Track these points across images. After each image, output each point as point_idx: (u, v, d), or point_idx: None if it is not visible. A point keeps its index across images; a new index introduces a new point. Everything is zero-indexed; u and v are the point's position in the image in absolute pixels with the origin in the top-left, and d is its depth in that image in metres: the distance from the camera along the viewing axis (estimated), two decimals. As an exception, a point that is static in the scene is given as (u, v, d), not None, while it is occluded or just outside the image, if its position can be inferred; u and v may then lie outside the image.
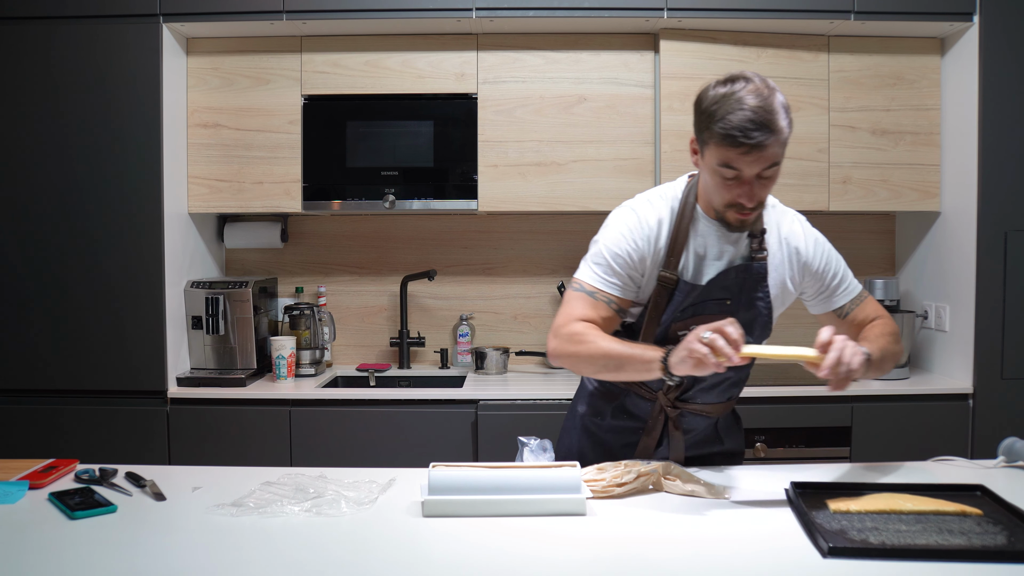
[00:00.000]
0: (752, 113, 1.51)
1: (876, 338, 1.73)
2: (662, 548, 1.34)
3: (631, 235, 1.70)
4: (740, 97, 1.53)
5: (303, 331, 3.13)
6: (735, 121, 1.51)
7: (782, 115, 1.54)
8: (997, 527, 1.37)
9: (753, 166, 1.54)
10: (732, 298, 1.72)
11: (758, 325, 1.77)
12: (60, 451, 2.12)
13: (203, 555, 1.32)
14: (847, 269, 1.86)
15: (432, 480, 1.51)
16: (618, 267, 1.69)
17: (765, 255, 1.73)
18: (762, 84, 1.57)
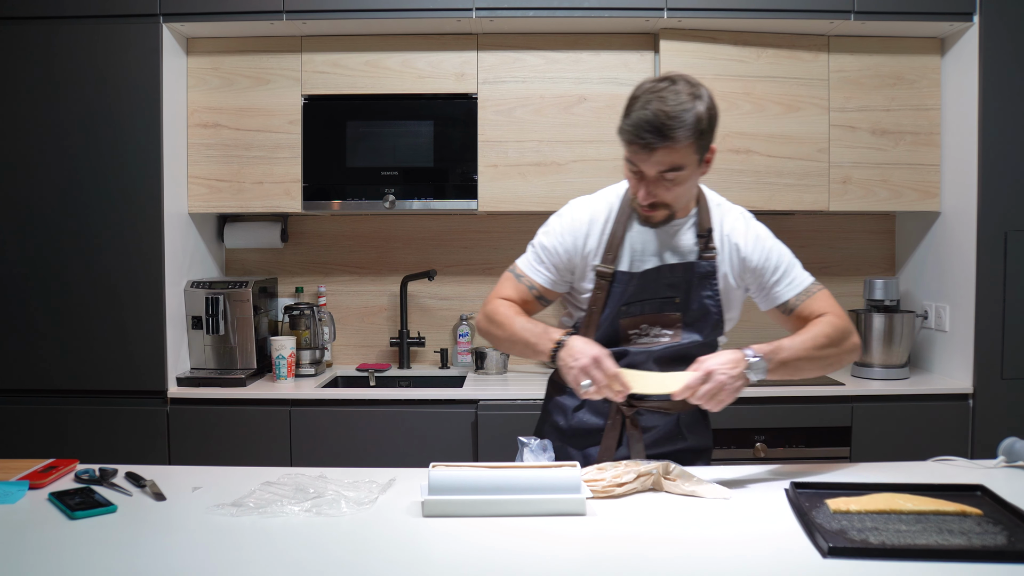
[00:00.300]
0: (652, 116, 1.56)
1: (803, 337, 1.71)
2: (662, 548, 1.34)
3: (561, 231, 1.79)
4: (650, 99, 1.58)
5: (303, 331, 3.13)
6: (634, 120, 1.59)
7: (687, 124, 1.57)
8: (997, 527, 1.37)
9: (650, 166, 1.61)
10: (680, 296, 1.75)
11: (708, 323, 1.78)
12: (60, 451, 2.12)
13: (203, 555, 1.32)
14: (793, 264, 1.82)
15: (432, 480, 1.51)
16: (545, 258, 1.80)
17: (714, 254, 1.75)
18: (686, 89, 1.60)
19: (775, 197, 3.01)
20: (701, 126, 1.59)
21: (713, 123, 1.63)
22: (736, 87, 2.98)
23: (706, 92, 1.63)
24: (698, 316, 1.76)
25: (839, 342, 1.74)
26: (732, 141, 2.98)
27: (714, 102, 1.64)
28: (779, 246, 1.82)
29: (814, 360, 1.71)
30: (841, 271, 3.42)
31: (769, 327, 1.94)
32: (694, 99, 1.59)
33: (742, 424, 2.83)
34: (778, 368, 1.66)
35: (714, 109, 1.63)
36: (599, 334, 1.78)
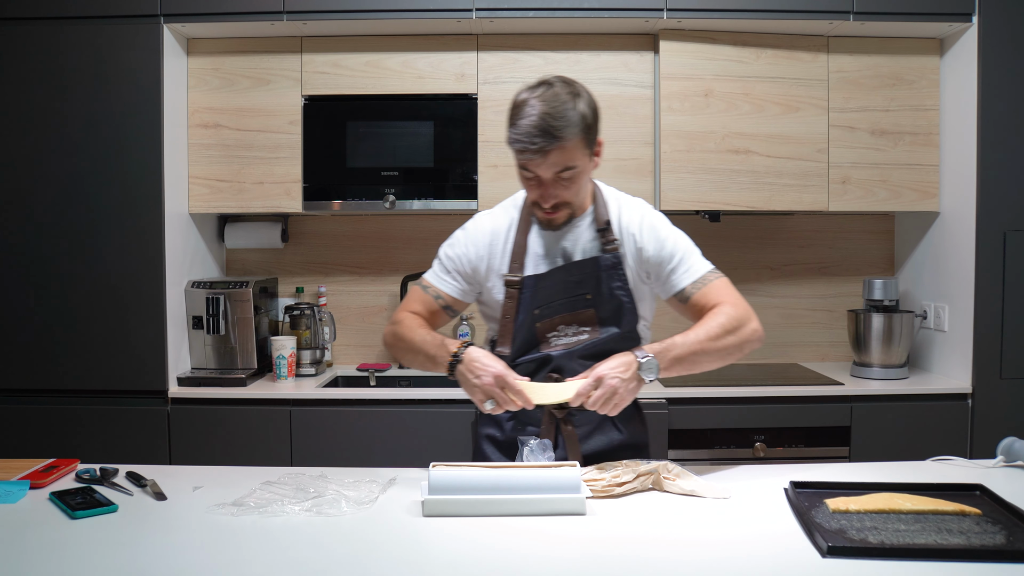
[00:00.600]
0: (538, 119, 1.60)
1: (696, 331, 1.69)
2: (662, 548, 1.35)
3: (465, 241, 1.84)
4: (533, 104, 1.62)
5: (303, 331, 3.13)
6: (522, 127, 1.62)
7: (573, 123, 1.61)
8: (996, 527, 1.38)
9: (545, 169, 1.64)
10: (591, 292, 1.76)
11: (623, 315, 1.79)
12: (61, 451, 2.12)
13: (204, 555, 1.32)
14: (691, 252, 1.80)
15: (432, 480, 1.52)
16: (450, 267, 1.84)
17: (616, 245, 1.76)
18: (564, 89, 1.64)
19: (774, 197, 3.01)
20: (587, 122, 1.64)
21: (596, 118, 1.68)
22: (735, 87, 2.98)
23: (584, 89, 1.68)
24: (612, 309, 1.77)
25: (736, 330, 1.70)
26: (732, 141, 2.99)
27: (593, 97, 1.69)
28: (675, 235, 1.81)
29: (711, 353, 1.69)
30: (840, 271, 3.42)
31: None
32: (574, 98, 1.63)
33: (741, 424, 2.83)
34: (672, 365, 1.66)
35: (594, 104, 1.68)
36: (517, 342, 1.79)
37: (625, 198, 1.85)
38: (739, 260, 3.41)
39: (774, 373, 3.15)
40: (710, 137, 2.98)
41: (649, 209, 1.84)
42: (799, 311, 3.43)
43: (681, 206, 2.98)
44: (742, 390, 2.85)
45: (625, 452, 1.82)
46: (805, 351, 3.43)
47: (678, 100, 2.97)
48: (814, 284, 3.43)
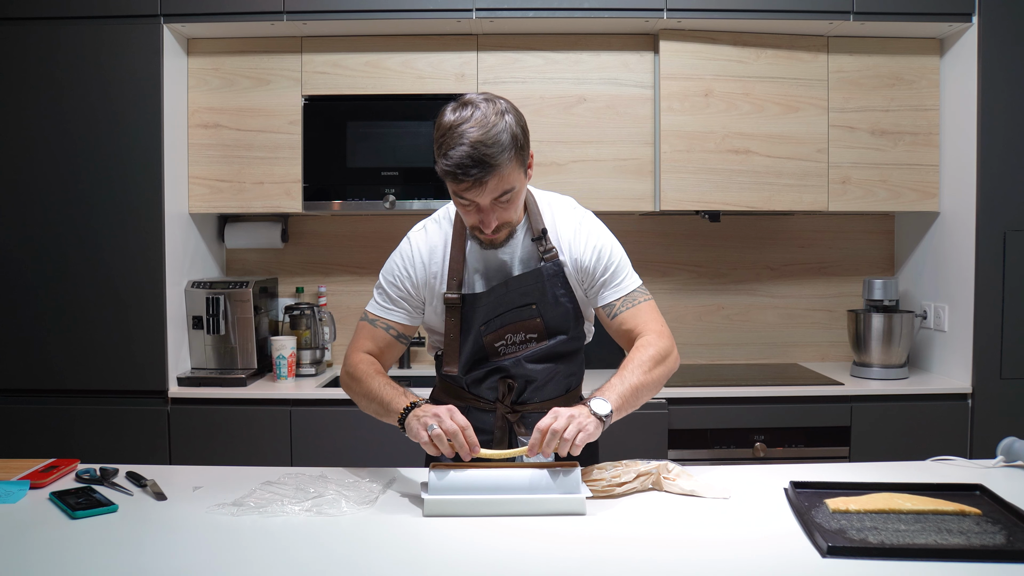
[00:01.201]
0: (471, 149, 1.51)
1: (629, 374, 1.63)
2: (661, 547, 1.35)
3: (402, 263, 1.77)
4: (462, 131, 1.53)
5: (303, 331, 3.13)
6: (454, 158, 1.52)
7: (506, 146, 1.53)
8: (996, 527, 1.38)
9: (483, 197, 1.57)
10: (536, 302, 1.73)
11: (569, 320, 1.77)
12: (61, 451, 2.12)
13: (204, 555, 1.32)
14: (624, 266, 1.77)
15: (432, 480, 1.52)
16: (393, 294, 1.77)
17: (554, 253, 1.73)
18: (490, 109, 1.55)
19: (774, 197, 3.01)
20: (518, 141, 1.57)
21: (526, 133, 1.61)
22: (735, 87, 2.98)
23: (508, 105, 1.60)
24: (559, 315, 1.75)
25: (664, 360, 1.69)
26: (732, 141, 2.99)
27: (518, 111, 1.61)
28: (610, 244, 1.76)
29: (648, 387, 1.65)
30: (840, 271, 3.42)
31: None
32: (502, 117, 1.56)
33: (742, 424, 2.83)
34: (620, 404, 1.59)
35: (522, 119, 1.61)
36: (466, 355, 1.77)
37: (557, 201, 1.80)
38: (739, 260, 3.41)
39: (774, 373, 3.15)
40: (710, 137, 2.98)
41: (582, 214, 1.79)
42: (799, 311, 3.43)
43: (681, 206, 2.98)
44: (742, 390, 2.85)
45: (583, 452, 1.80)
46: (805, 351, 3.43)
47: (678, 100, 2.97)
48: (814, 284, 3.43)
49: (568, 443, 1.51)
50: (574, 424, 1.52)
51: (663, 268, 3.39)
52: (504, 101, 1.61)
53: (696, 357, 3.41)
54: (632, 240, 3.35)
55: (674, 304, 3.39)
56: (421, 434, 1.55)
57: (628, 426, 2.70)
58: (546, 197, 1.80)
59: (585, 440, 1.52)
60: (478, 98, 1.59)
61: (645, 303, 1.76)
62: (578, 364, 1.86)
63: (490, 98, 1.59)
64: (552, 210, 1.78)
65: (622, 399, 1.60)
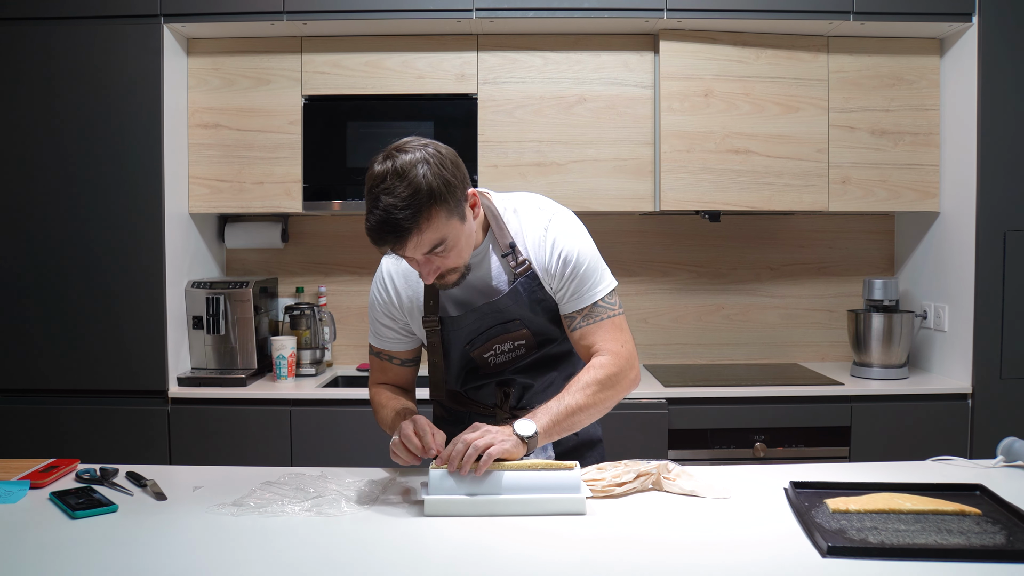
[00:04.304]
0: (384, 215, 1.47)
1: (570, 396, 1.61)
2: (661, 548, 1.35)
3: (379, 294, 1.74)
4: (377, 195, 1.49)
5: (303, 331, 3.13)
6: (371, 224, 1.50)
7: (423, 205, 1.46)
8: (996, 527, 1.38)
9: (412, 253, 1.52)
10: (519, 316, 1.69)
11: (552, 329, 1.73)
12: (61, 451, 2.13)
13: (204, 555, 1.32)
14: (590, 275, 1.67)
15: (432, 480, 1.52)
16: (381, 325, 1.76)
17: (527, 265, 1.65)
18: (407, 164, 1.48)
19: (774, 197, 3.01)
20: (439, 193, 1.47)
21: (452, 180, 1.50)
22: (735, 87, 2.98)
23: (435, 152, 1.51)
24: (544, 321, 1.71)
25: (614, 384, 1.64)
26: (732, 141, 2.99)
27: (443, 157, 1.51)
28: (576, 251, 1.66)
29: (588, 410, 1.62)
30: (840, 271, 3.42)
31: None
32: (419, 167, 1.47)
33: (742, 424, 2.83)
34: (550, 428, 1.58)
35: (447, 166, 1.50)
36: (456, 369, 1.76)
37: (523, 205, 1.70)
38: (739, 260, 3.41)
39: (774, 373, 3.15)
40: (710, 137, 2.98)
41: (549, 215, 1.69)
42: (799, 311, 3.43)
43: (681, 206, 2.98)
44: (742, 390, 2.85)
45: (579, 450, 1.82)
46: (805, 351, 3.43)
47: (678, 100, 2.97)
48: (814, 284, 3.43)
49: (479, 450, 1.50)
50: (488, 437, 1.53)
51: (663, 268, 3.39)
52: (430, 148, 1.51)
53: (696, 357, 3.41)
54: (632, 240, 3.38)
55: (674, 304, 3.39)
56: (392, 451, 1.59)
57: (628, 426, 2.71)
58: (511, 203, 1.71)
59: (497, 453, 1.51)
60: (397, 150, 1.52)
61: (607, 320, 1.67)
62: (577, 364, 1.83)
63: (411, 148, 1.51)
64: (519, 217, 1.69)
65: (552, 422, 1.58)
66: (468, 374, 1.77)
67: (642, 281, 3.36)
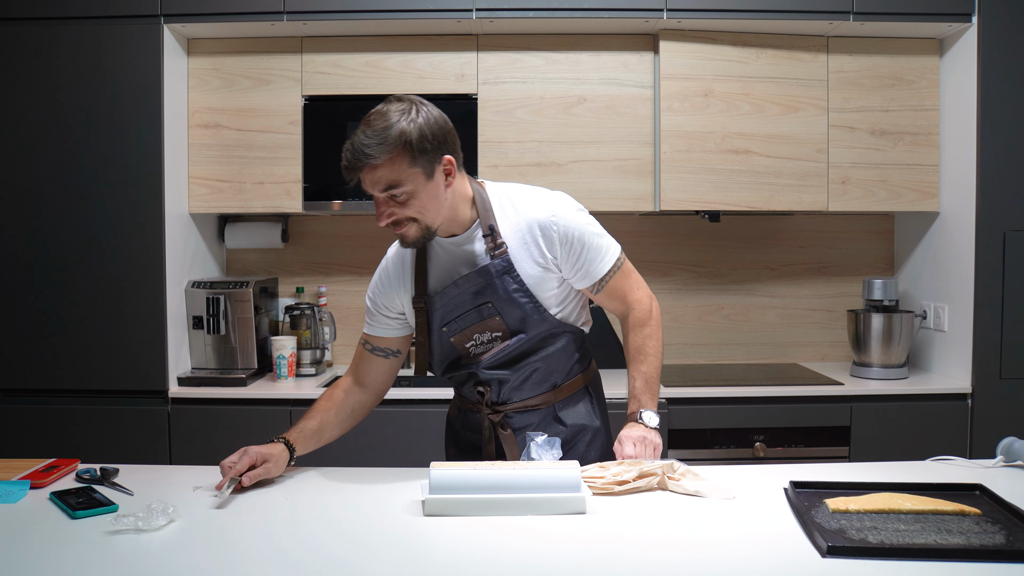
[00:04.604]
0: (350, 145, 1.61)
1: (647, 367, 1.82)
2: (661, 547, 1.35)
3: (378, 278, 1.86)
4: (359, 126, 1.62)
5: (304, 331, 3.13)
6: (344, 152, 1.62)
7: (388, 142, 1.57)
8: (996, 526, 1.38)
9: (369, 187, 1.63)
10: (491, 299, 1.74)
11: (527, 317, 1.75)
12: (61, 451, 2.13)
13: (204, 554, 1.32)
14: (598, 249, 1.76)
15: (433, 479, 1.52)
16: (372, 309, 1.87)
17: (503, 249, 1.72)
18: (396, 108, 1.61)
19: (774, 197, 3.01)
20: (406, 138, 1.58)
21: (428, 136, 1.60)
22: (735, 87, 2.99)
23: (425, 110, 1.63)
24: (515, 313, 1.75)
25: (655, 327, 1.84)
26: (731, 141, 2.99)
27: (435, 117, 1.63)
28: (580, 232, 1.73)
29: (658, 362, 1.83)
30: (840, 271, 3.42)
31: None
32: (402, 116, 1.60)
33: (741, 424, 2.83)
34: (655, 398, 1.81)
35: (430, 124, 1.61)
36: (437, 357, 1.84)
37: (520, 196, 1.77)
38: (739, 260, 3.41)
39: (774, 373, 3.15)
40: (710, 137, 2.98)
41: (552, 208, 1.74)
42: (799, 311, 3.44)
43: (681, 206, 2.98)
44: (742, 390, 2.85)
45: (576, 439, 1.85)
46: (805, 351, 3.44)
47: (678, 100, 2.97)
48: (814, 284, 3.43)
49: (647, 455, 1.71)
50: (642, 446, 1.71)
51: (663, 268, 3.39)
52: (423, 107, 1.63)
53: (696, 357, 3.41)
54: (632, 240, 3.38)
55: (674, 304, 3.39)
56: None
57: (628, 426, 2.71)
58: (506, 191, 1.78)
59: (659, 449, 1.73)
60: (401, 97, 1.65)
61: (618, 273, 1.80)
62: (560, 360, 1.83)
63: (411, 100, 1.64)
64: (513, 204, 1.75)
65: (652, 394, 1.81)
66: (452, 363, 1.83)
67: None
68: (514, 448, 1.81)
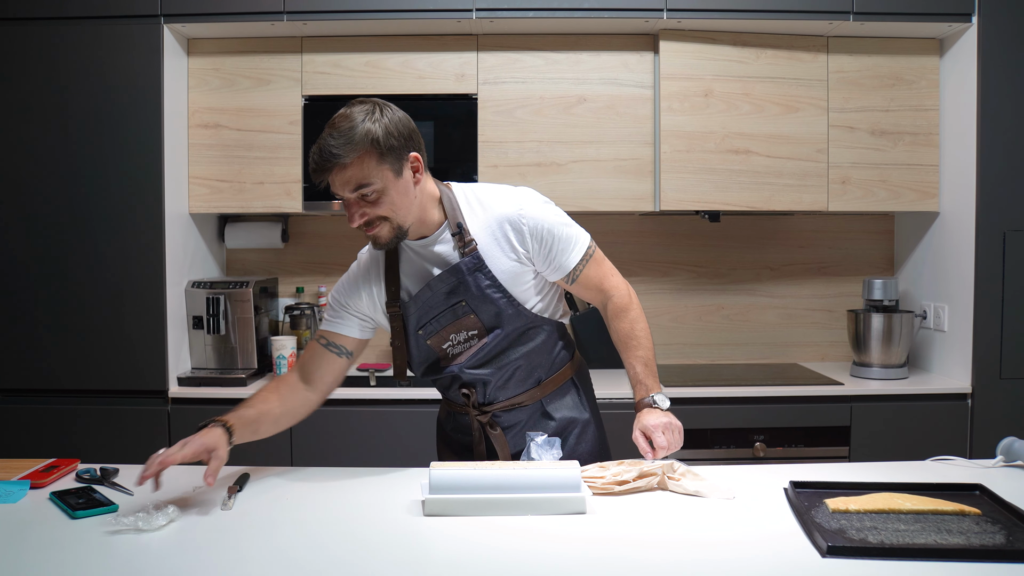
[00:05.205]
0: (317, 148, 1.61)
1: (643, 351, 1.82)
2: (661, 547, 1.35)
3: (345, 282, 1.85)
4: (323, 134, 1.62)
5: (304, 331, 3.13)
6: (312, 155, 1.62)
7: (355, 142, 1.59)
8: (995, 526, 1.38)
9: (338, 188, 1.63)
10: (464, 298, 1.74)
11: (501, 313, 1.75)
12: (61, 450, 2.12)
13: (204, 554, 1.32)
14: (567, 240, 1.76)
15: (432, 479, 1.52)
16: (335, 306, 1.85)
17: (473, 246, 1.73)
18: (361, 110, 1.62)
19: (774, 197, 3.01)
20: (372, 136, 1.60)
21: (394, 134, 1.63)
22: (735, 87, 2.99)
23: (388, 110, 1.66)
24: (490, 310, 1.75)
25: (637, 312, 1.84)
26: (731, 141, 2.99)
27: (399, 117, 1.67)
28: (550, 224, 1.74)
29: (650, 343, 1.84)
30: (840, 271, 3.42)
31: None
32: (367, 116, 1.62)
33: (741, 424, 2.83)
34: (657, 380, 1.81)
35: (395, 123, 1.65)
36: (417, 362, 1.83)
37: (486, 194, 1.78)
38: (739, 260, 3.41)
39: (774, 373, 3.15)
40: (710, 137, 2.98)
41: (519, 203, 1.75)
42: (799, 311, 3.44)
43: (681, 206, 2.98)
44: (742, 390, 2.85)
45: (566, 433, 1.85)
46: (805, 351, 3.44)
47: (678, 100, 2.97)
48: (814, 284, 3.43)
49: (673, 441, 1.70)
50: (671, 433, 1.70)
51: (663, 268, 3.39)
52: (389, 109, 1.67)
53: (696, 357, 3.41)
54: (632, 240, 3.38)
55: (674, 304, 3.39)
56: None
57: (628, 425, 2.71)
58: (473, 191, 1.79)
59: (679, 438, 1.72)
60: (365, 101, 1.66)
61: (590, 263, 1.80)
62: (542, 355, 1.83)
63: (376, 104, 1.66)
64: (480, 202, 1.76)
65: (654, 375, 1.81)
66: (430, 366, 1.82)
67: (642, 281, 3.36)
68: (505, 447, 1.81)
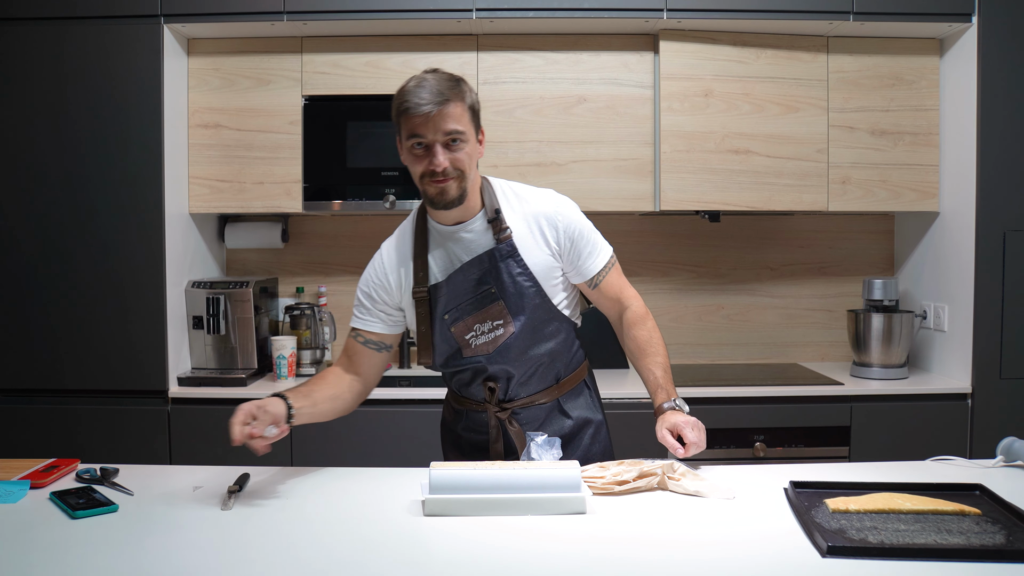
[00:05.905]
0: (429, 85, 1.68)
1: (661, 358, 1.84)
2: (661, 547, 1.35)
3: (374, 272, 1.89)
4: (421, 76, 1.72)
5: (304, 331, 3.13)
6: (410, 91, 1.69)
7: (459, 93, 1.69)
8: (996, 526, 1.38)
9: (433, 132, 1.66)
10: (494, 284, 1.76)
11: (529, 301, 1.77)
12: (61, 450, 2.12)
13: (204, 554, 1.32)
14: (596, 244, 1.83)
15: (433, 479, 1.52)
16: (367, 303, 1.88)
17: (508, 233, 1.76)
18: (447, 74, 1.74)
19: (774, 197, 3.01)
20: (471, 98, 1.72)
21: (478, 105, 1.75)
22: (735, 87, 2.99)
23: None
24: (517, 297, 1.77)
25: (652, 323, 1.88)
26: (732, 141, 2.99)
27: None
28: (579, 225, 1.81)
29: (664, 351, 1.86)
30: (840, 271, 3.42)
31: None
32: (454, 77, 1.73)
33: (741, 424, 2.83)
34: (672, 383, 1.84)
35: (476, 94, 1.77)
36: (439, 351, 1.82)
37: (524, 190, 1.83)
38: (739, 260, 3.41)
39: (774, 373, 3.15)
40: (710, 137, 2.98)
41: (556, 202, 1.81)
42: (799, 311, 3.44)
43: (681, 206, 2.98)
44: (742, 390, 2.85)
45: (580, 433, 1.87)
46: (805, 351, 3.44)
47: (678, 100, 2.97)
48: (814, 284, 3.43)
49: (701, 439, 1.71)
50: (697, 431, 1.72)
51: (663, 268, 3.39)
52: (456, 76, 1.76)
53: (696, 357, 3.41)
54: (632, 240, 3.38)
55: (674, 304, 3.39)
56: None
57: (629, 425, 2.71)
58: (509, 184, 1.83)
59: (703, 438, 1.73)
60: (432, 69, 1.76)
61: (611, 272, 1.86)
62: (562, 353, 1.85)
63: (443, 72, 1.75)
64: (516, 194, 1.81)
65: (672, 382, 1.83)
66: (451, 356, 1.82)
67: (642, 281, 3.36)
68: (524, 444, 1.80)
